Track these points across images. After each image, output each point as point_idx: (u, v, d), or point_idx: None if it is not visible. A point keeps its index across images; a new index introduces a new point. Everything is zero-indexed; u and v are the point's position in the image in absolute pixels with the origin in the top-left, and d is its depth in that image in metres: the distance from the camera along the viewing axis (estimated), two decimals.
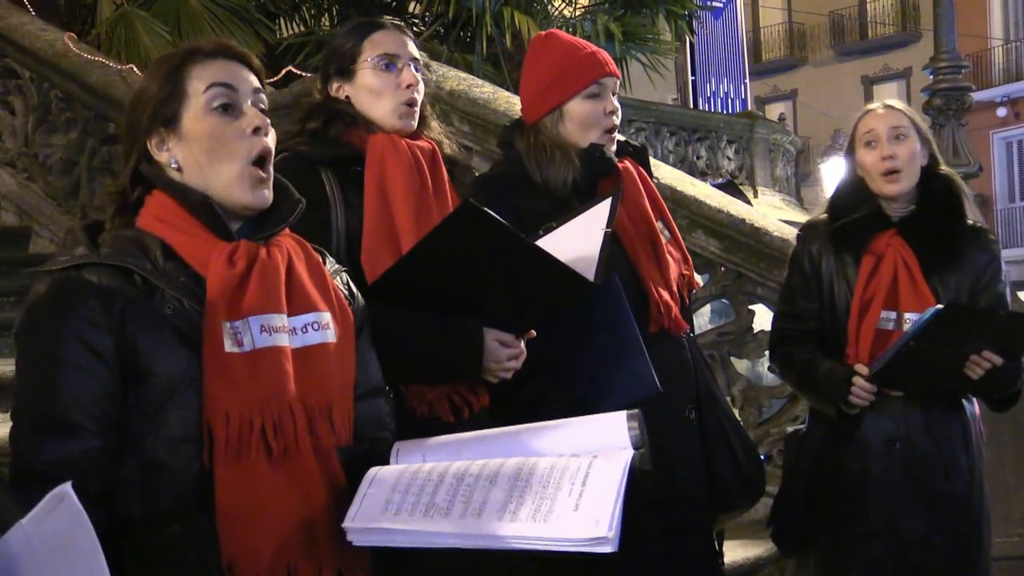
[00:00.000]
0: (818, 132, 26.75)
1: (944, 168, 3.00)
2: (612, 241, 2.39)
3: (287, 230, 1.80)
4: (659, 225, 2.70)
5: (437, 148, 2.47)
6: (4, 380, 3.96)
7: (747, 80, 17.98)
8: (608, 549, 1.47)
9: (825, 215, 3.03)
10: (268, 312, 1.66)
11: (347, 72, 2.45)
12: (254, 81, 1.77)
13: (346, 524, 1.57)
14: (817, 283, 2.95)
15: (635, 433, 1.64)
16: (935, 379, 2.80)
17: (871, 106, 3.01)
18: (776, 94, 31.39)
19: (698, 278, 4.23)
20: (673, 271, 2.68)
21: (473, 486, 1.57)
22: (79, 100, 6.00)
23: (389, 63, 2.42)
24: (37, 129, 6.17)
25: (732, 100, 17.11)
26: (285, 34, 9.85)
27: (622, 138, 2.80)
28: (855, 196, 2.96)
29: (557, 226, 2.42)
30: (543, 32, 2.88)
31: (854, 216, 2.91)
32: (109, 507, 1.60)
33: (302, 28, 10.04)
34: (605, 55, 2.74)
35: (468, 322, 2.18)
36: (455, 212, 2.06)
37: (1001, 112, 27.77)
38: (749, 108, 16.76)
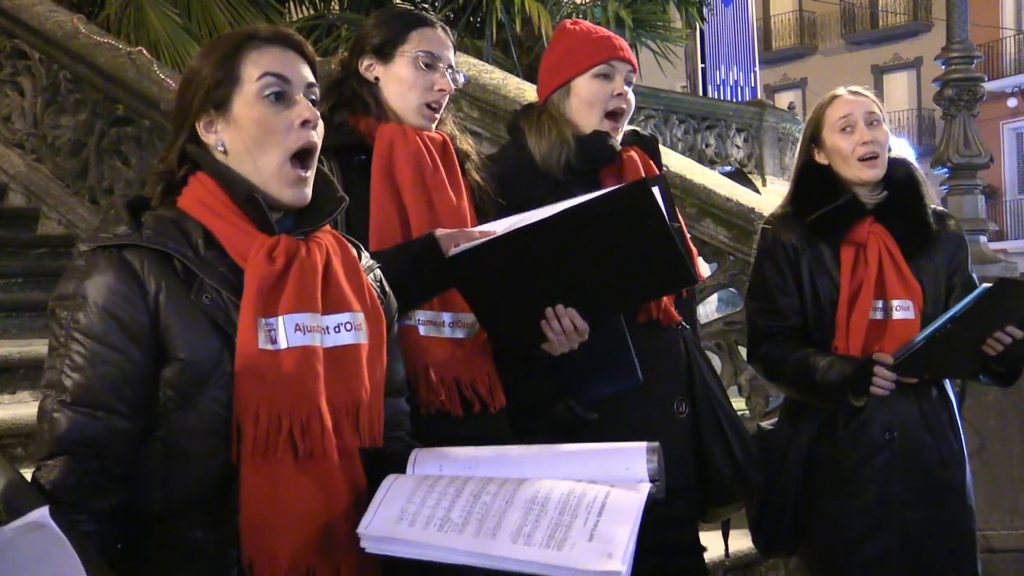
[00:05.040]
0: None
1: (898, 154, 2.98)
2: None
3: (327, 226, 1.79)
4: None
5: (449, 140, 2.43)
6: (11, 362, 3.96)
7: (757, 68, 17.93)
8: None
9: (788, 208, 2.97)
10: (303, 311, 1.66)
11: (386, 55, 2.39)
12: (308, 75, 1.76)
13: (360, 531, 1.56)
14: (796, 278, 2.88)
15: (653, 466, 1.64)
16: (955, 361, 2.78)
17: (837, 92, 2.96)
18: (786, 82, 31.31)
19: (706, 267, 4.23)
20: None
21: (489, 505, 1.56)
22: (88, 82, 5.98)
23: (430, 63, 2.38)
24: (46, 110, 6.16)
25: (742, 88, 17.07)
26: (295, 17, 9.83)
27: (631, 128, 2.79)
28: (823, 186, 2.90)
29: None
30: (568, 20, 2.89)
31: (832, 206, 2.85)
32: (130, 489, 1.61)
33: (312, 12, 10.03)
34: (622, 42, 2.74)
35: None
36: (626, 187, 2.13)
37: (1012, 103, 27.69)
38: (759, 96, 16.74)
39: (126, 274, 1.61)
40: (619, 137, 2.71)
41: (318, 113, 1.75)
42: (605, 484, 1.60)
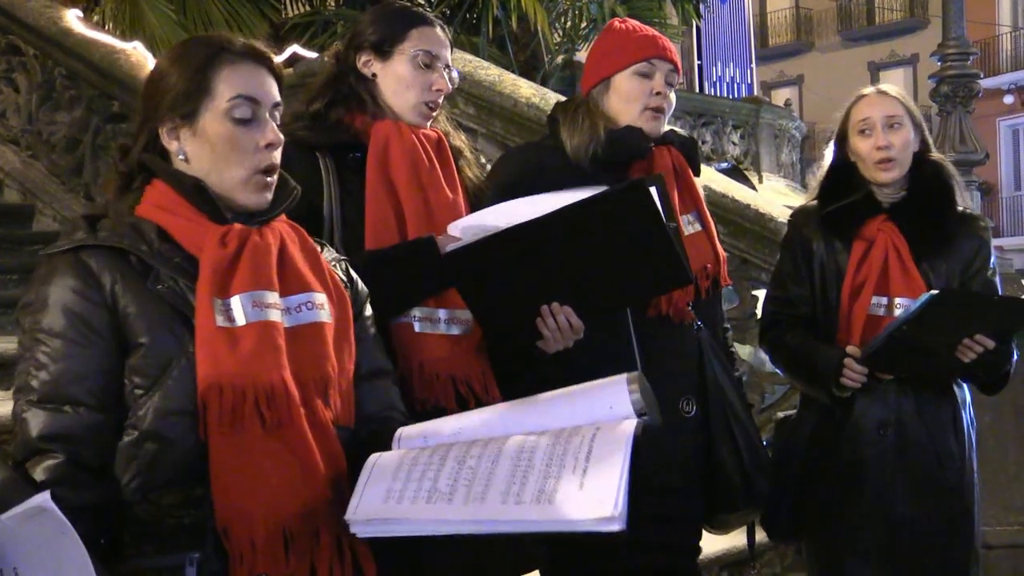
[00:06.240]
0: (824, 118, 26.63)
1: (935, 154, 2.99)
2: None
3: (283, 216, 1.83)
4: (690, 216, 2.70)
5: (443, 137, 2.44)
6: (6, 358, 3.96)
7: (753, 65, 17.95)
8: (616, 527, 1.43)
9: (815, 201, 3.02)
10: (259, 289, 1.70)
11: (384, 52, 2.39)
12: (275, 94, 1.81)
13: (348, 516, 1.57)
14: (808, 268, 2.95)
15: (636, 397, 1.62)
16: (926, 363, 2.79)
17: (865, 91, 2.99)
18: (782, 79, 31.32)
19: None
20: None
21: (476, 468, 1.55)
22: (83, 78, 5.98)
23: (428, 62, 2.38)
24: (41, 107, 6.16)
25: (738, 85, 17.10)
26: (290, 14, 9.82)
27: (671, 128, 2.77)
28: (845, 181, 2.94)
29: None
30: (616, 18, 2.88)
31: (845, 201, 2.90)
32: (109, 480, 1.63)
33: (307, 8, 10.01)
34: (667, 42, 2.72)
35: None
36: (623, 188, 2.13)
37: (1008, 99, 27.68)
38: (755, 93, 16.75)
39: (83, 272, 1.66)
40: (660, 134, 2.70)
41: (282, 137, 1.80)
42: (590, 427, 1.58)
